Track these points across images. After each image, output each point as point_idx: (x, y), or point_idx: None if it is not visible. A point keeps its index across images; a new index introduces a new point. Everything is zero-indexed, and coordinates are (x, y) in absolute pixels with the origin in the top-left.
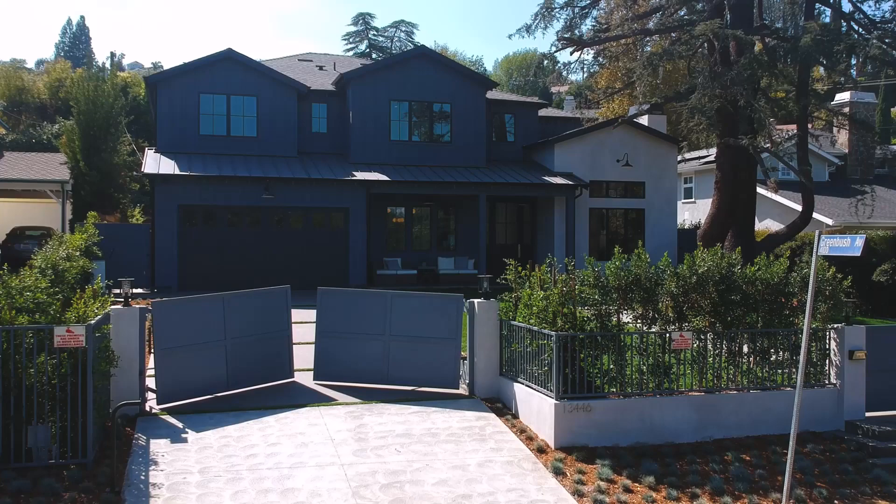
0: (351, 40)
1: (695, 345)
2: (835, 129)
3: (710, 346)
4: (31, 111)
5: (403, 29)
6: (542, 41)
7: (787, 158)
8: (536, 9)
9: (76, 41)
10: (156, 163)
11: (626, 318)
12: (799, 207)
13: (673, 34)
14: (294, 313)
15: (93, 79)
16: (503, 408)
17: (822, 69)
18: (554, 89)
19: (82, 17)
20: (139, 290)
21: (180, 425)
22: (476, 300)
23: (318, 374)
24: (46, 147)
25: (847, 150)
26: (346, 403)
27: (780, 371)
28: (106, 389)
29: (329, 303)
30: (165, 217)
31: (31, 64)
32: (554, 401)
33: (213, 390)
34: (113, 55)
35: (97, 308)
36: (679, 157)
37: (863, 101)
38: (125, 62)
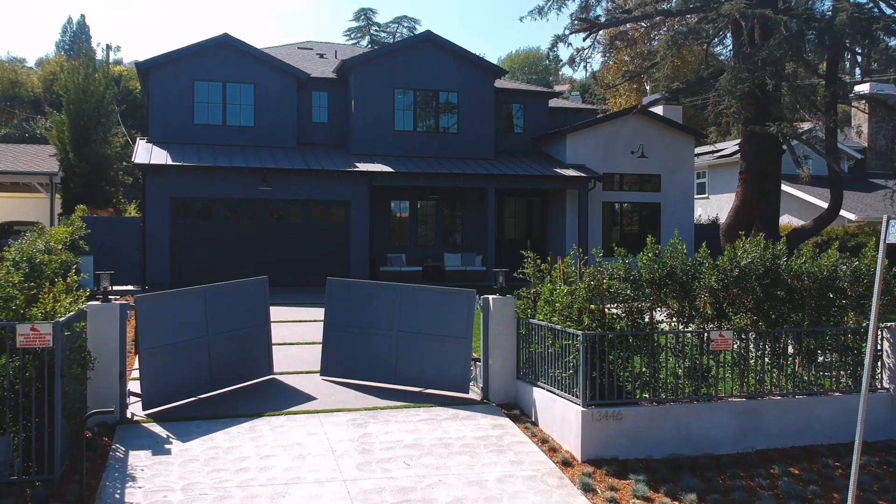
0: (352, 36)
1: (735, 345)
2: (863, 116)
3: (751, 347)
4: (24, 105)
5: (405, 25)
6: (551, 31)
7: (810, 150)
8: None
9: (76, 40)
10: (147, 153)
11: (658, 315)
12: (819, 202)
13: (694, 15)
14: (293, 311)
15: (83, 67)
16: (521, 414)
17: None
18: (558, 87)
19: (82, 16)
20: (129, 287)
21: (164, 434)
22: (490, 296)
23: (326, 370)
24: (40, 141)
25: (866, 144)
26: (349, 410)
27: (827, 374)
28: (80, 395)
29: (339, 294)
30: (157, 210)
31: (31, 63)
32: (580, 408)
33: (197, 392)
34: (108, 47)
35: (69, 303)
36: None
37: (883, 93)
38: (125, 60)
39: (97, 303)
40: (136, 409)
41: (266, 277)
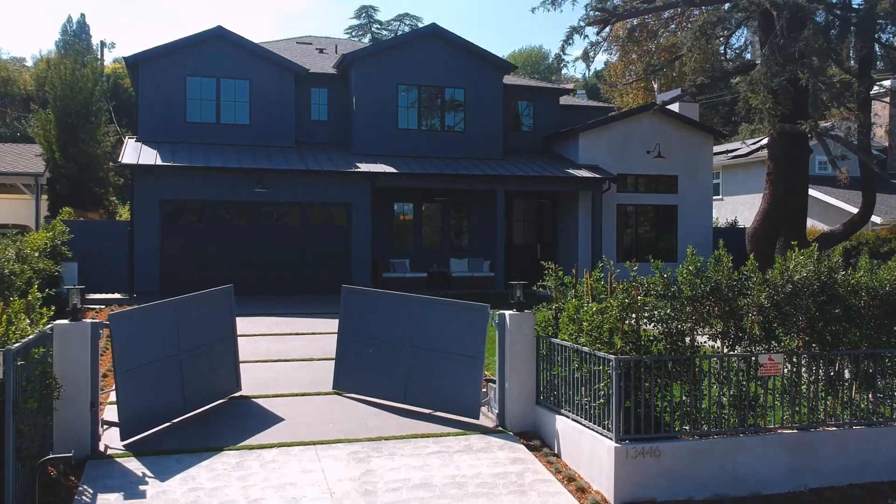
0: (354, 34)
1: (785, 370)
2: (886, 114)
3: (803, 372)
4: (17, 104)
5: (408, 23)
6: (554, 30)
7: (834, 148)
8: None
9: (76, 39)
10: (135, 152)
11: (699, 337)
12: (842, 205)
13: (716, 7)
14: (290, 322)
15: (71, 62)
16: (541, 445)
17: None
18: (559, 86)
19: (82, 15)
20: (116, 296)
21: (139, 472)
22: (507, 312)
23: (337, 384)
24: (31, 141)
25: (887, 143)
26: (349, 441)
27: (888, 401)
28: (42, 430)
29: (354, 304)
30: (146, 213)
31: (30, 62)
32: (613, 443)
33: (172, 416)
34: (102, 43)
35: (27, 325)
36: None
37: None
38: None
39: (65, 322)
40: (108, 438)
41: (231, 286)
